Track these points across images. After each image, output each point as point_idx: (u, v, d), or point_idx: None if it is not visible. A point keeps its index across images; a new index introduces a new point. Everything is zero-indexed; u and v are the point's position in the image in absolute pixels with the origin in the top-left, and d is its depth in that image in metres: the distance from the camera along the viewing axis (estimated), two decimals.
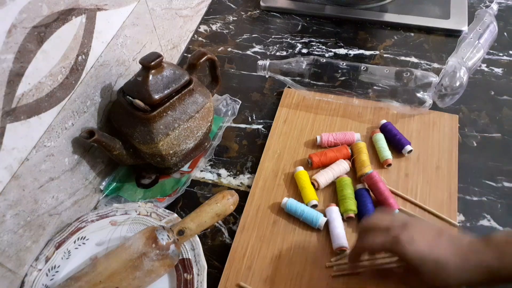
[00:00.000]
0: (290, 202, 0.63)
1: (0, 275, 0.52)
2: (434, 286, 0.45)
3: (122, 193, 0.68)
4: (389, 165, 0.67)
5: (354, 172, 0.67)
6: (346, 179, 0.65)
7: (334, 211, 0.62)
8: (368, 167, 0.65)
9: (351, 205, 0.62)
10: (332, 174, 0.66)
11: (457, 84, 0.68)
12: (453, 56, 0.71)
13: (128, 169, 0.71)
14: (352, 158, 0.68)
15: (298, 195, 0.65)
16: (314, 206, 0.63)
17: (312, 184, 0.65)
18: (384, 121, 0.72)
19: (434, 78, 0.69)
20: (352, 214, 0.61)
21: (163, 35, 0.80)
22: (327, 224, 0.61)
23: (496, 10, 0.77)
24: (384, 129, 0.70)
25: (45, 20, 0.50)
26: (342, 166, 0.67)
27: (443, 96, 0.70)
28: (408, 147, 0.67)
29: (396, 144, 0.68)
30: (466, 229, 0.61)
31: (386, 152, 0.67)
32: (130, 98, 0.60)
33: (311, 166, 0.68)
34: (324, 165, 0.68)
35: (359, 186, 0.65)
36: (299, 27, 0.93)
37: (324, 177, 0.65)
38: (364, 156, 0.67)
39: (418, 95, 0.70)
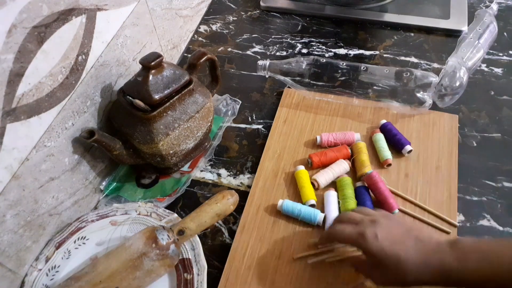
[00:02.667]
0: (286, 204, 0.63)
1: (0, 275, 0.52)
2: (396, 281, 0.46)
3: (122, 193, 0.68)
4: (389, 165, 0.67)
5: (354, 172, 0.67)
6: (346, 179, 0.65)
7: (332, 195, 0.63)
8: (368, 167, 0.65)
9: (352, 204, 0.62)
10: (332, 174, 0.66)
11: (457, 84, 0.68)
12: (453, 56, 0.71)
13: (128, 169, 0.71)
14: (352, 158, 0.68)
15: (298, 195, 0.65)
16: (312, 206, 0.63)
17: (312, 184, 0.65)
18: (384, 121, 0.72)
19: (434, 78, 0.69)
20: None
21: (163, 35, 0.80)
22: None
23: (496, 10, 0.77)
24: (384, 129, 0.70)
25: (45, 20, 0.50)
26: (342, 166, 0.67)
27: (443, 96, 0.70)
28: (408, 147, 0.67)
29: (396, 144, 0.68)
30: (465, 229, 0.61)
31: (386, 152, 0.67)
32: (130, 98, 0.60)
33: (311, 166, 0.68)
34: (324, 165, 0.68)
35: (359, 184, 0.65)
36: (299, 27, 0.93)
37: (324, 177, 0.65)
38: (364, 156, 0.67)
39: (418, 95, 0.70)
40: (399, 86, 0.71)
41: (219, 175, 0.71)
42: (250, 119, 0.78)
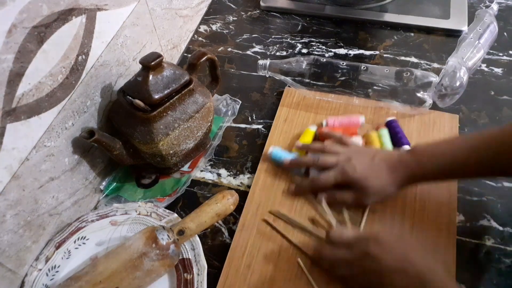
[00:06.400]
0: (276, 152, 0.68)
1: (0, 275, 0.52)
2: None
3: (122, 193, 0.68)
4: None
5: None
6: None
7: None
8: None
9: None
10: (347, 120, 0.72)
11: (457, 84, 0.68)
12: (453, 56, 0.71)
13: (128, 169, 0.71)
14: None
15: (297, 198, 0.65)
16: None
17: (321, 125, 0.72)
18: (391, 118, 0.72)
19: (434, 78, 0.69)
20: None
21: (163, 35, 0.80)
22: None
23: (496, 10, 0.77)
24: (389, 125, 0.71)
25: (45, 20, 0.50)
26: (356, 118, 0.72)
27: (443, 96, 0.70)
28: (406, 147, 0.67)
29: (396, 142, 0.68)
30: (465, 229, 0.61)
31: (388, 148, 0.68)
32: (130, 98, 0.60)
33: (317, 139, 0.71)
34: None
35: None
36: (299, 27, 0.93)
37: (337, 120, 0.72)
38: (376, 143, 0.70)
39: (418, 95, 0.70)
40: (399, 86, 0.71)
41: (219, 175, 0.71)
42: (250, 119, 0.78)
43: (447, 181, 0.62)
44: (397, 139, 0.69)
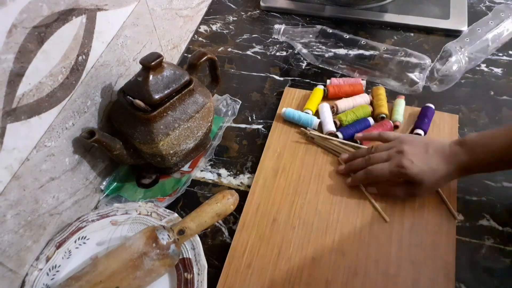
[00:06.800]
0: (288, 111, 0.73)
1: (0, 275, 0.52)
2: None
3: (123, 193, 0.68)
4: (397, 127, 0.72)
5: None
6: (366, 106, 0.73)
7: (325, 106, 0.74)
8: (385, 107, 0.72)
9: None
10: (353, 103, 0.74)
11: (452, 69, 0.69)
12: (452, 42, 0.71)
13: (128, 169, 0.71)
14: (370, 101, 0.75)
15: (297, 195, 0.65)
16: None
17: (332, 107, 0.74)
18: (431, 105, 0.72)
19: (428, 60, 0.71)
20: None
21: (163, 35, 0.80)
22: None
23: None
24: (425, 109, 0.71)
25: (46, 20, 0.50)
26: (363, 98, 0.75)
27: (436, 79, 0.71)
28: (419, 131, 0.69)
29: (418, 123, 0.70)
30: (465, 229, 0.61)
31: (398, 116, 0.71)
32: (130, 98, 0.60)
33: (327, 96, 0.77)
34: (339, 96, 0.76)
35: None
36: (299, 27, 0.92)
37: (344, 103, 0.74)
38: (382, 96, 0.73)
39: (411, 75, 0.72)
40: (394, 64, 0.72)
41: (219, 175, 0.71)
42: (250, 119, 0.78)
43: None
44: (422, 121, 0.70)
